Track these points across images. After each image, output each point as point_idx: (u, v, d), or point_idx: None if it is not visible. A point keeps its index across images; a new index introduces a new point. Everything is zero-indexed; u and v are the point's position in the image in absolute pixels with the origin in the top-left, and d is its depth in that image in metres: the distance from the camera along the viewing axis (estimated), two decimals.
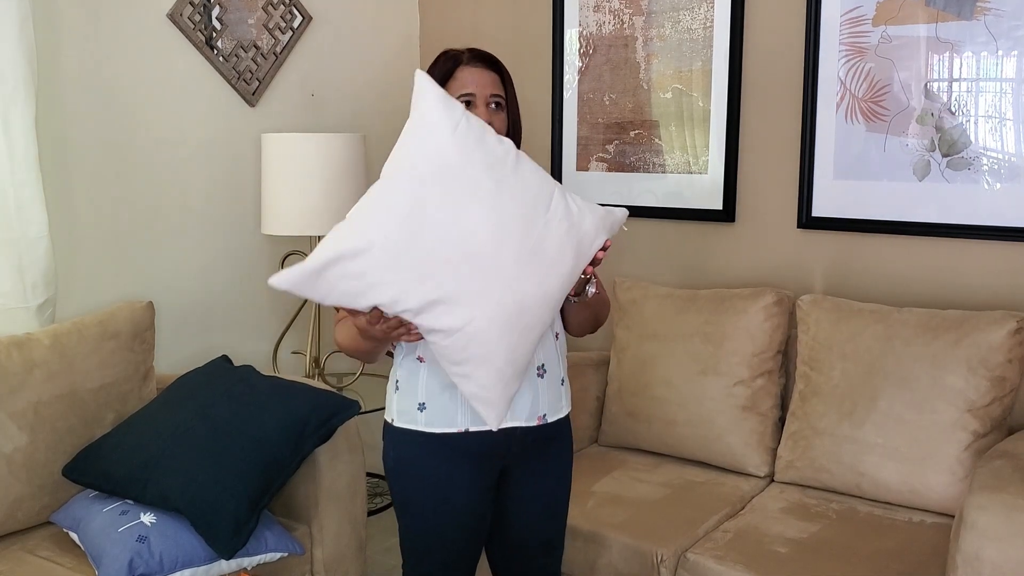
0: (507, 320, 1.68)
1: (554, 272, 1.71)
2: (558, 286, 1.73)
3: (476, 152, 1.65)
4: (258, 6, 3.26)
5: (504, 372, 1.73)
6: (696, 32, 3.12)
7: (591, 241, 1.74)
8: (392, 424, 1.96)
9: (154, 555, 2.13)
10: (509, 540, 2.06)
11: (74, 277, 2.83)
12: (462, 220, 1.63)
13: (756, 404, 2.77)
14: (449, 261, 1.63)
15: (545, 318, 1.75)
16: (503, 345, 1.70)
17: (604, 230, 1.77)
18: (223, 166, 3.22)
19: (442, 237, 1.63)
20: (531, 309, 1.70)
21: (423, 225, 1.62)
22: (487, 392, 1.75)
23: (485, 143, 1.67)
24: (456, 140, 1.64)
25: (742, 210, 3.11)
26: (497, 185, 1.65)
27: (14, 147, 2.54)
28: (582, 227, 1.72)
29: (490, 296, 1.66)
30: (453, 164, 1.64)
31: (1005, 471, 2.09)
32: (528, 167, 1.71)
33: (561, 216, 1.70)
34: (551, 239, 1.69)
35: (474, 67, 1.91)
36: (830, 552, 2.28)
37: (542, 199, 1.69)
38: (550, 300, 1.73)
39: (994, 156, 2.65)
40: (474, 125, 1.67)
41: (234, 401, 2.45)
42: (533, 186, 1.69)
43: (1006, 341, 2.43)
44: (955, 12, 2.65)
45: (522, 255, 1.66)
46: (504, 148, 1.70)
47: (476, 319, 1.66)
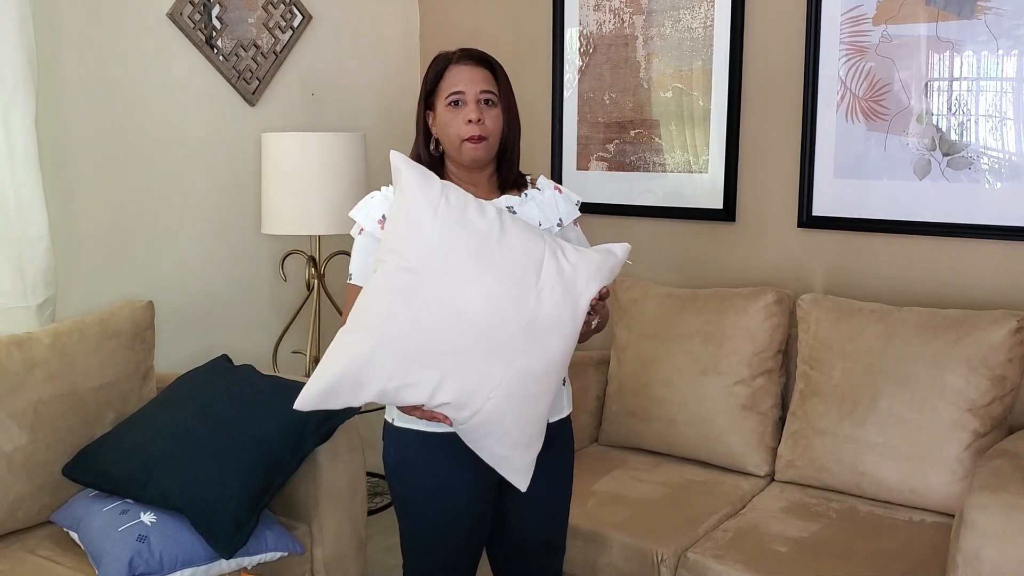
0: (513, 395, 1.70)
1: (554, 340, 1.71)
2: (560, 351, 1.73)
3: (459, 232, 1.66)
4: (258, 5, 3.26)
5: (522, 440, 1.76)
6: (696, 31, 3.11)
7: (588, 295, 1.73)
8: (392, 424, 1.96)
9: (154, 554, 2.13)
10: (510, 541, 2.06)
11: (74, 276, 2.83)
12: (454, 306, 1.65)
13: (756, 403, 2.77)
14: (447, 350, 1.65)
15: (553, 383, 1.77)
16: (516, 419, 1.72)
17: (601, 279, 1.75)
18: (223, 165, 3.22)
19: (437, 328, 1.65)
20: (537, 379, 1.72)
21: (417, 319, 1.65)
22: (509, 461, 1.78)
23: (467, 220, 1.68)
24: (438, 224, 1.66)
25: (742, 209, 3.11)
26: (484, 263, 1.66)
27: (14, 146, 2.54)
28: (576, 288, 1.71)
29: (494, 379, 1.67)
30: (437, 250, 1.66)
31: (1005, 470, 2.09)
32: (515, 234, 1.70)
33: (553, 283, 1.69)
34: (545, 310, 1.68)
35: (464, 65, 1.91)
36: (830, 551, 2.28)
37: (531, 269, 1.69)
38: (554, 366, 1.74)
39: (994, 155, 2.64)
40: (454, 202, 1.68)
41: (234, 400, 2.45)
42: (521, 257, 1.69)
43: (1006, 340, 2.43)
44: (955, 11, 2.64)
45: (519, 330, 1.67)
46: (487, 220, 1.69)
47: (485, 404, 1.68)
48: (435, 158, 1.96)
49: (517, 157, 1.99)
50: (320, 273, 3.23)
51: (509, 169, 1.97)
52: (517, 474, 1.80)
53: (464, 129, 1.87)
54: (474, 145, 1.88)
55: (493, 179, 1.97)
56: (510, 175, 1.96)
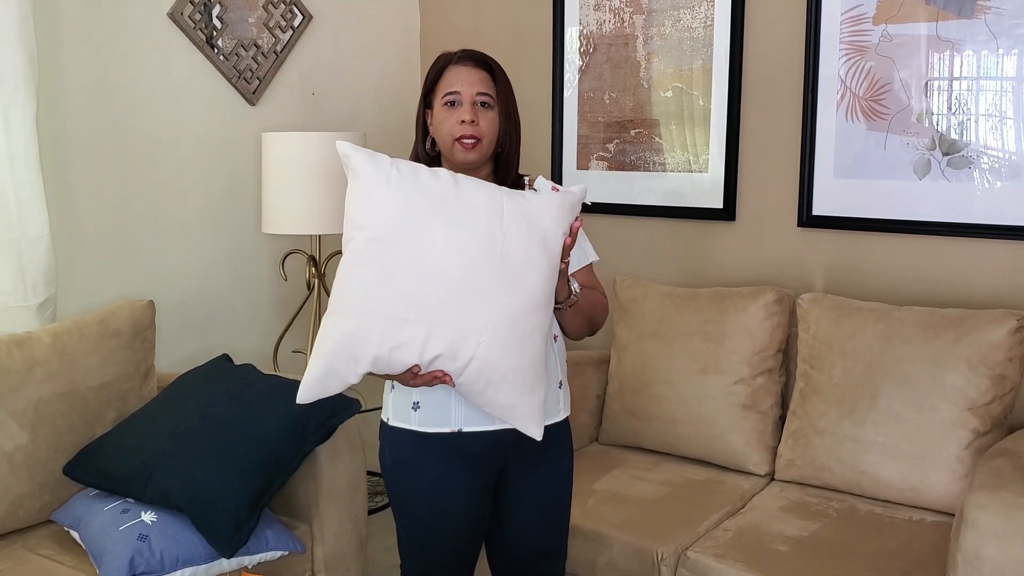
0: (503, 337, 1.70)
1: (530, 275, 1.71)
2: (539, 285, 1.73)
3: (415, 194, 1.69)
4: (258, 5, 3.26)
5: (523, 383, 1.76)
6: (696, 31, 3.12)
7: (556, 231, 1.75)
8: (388, 423, 1.96)
9: (155, 553, 2.13)
10: (510, 547, 2.05)
11: (75, 276, 2.83)
12: (426, 262, 1.67)
13: (756, 403, 2.77)
14: (429, 304, 1.67)
15: (540, 319, 1.75)
16: (510, 362, 1.72)
17: (565, 214, 1.77)
18: (223, 165, 3.22)
19: (414, 286, 1.67)
20: (523, 318, 1.72)
21: (394, 282, 1.67)
22: (515, 408, 1.78)
23: (420, 183, 1.71)
24: (392, 192, 1.69)
25: (742, 209, 3.11)
26: (445, 216, 1.68)
27: (15, 146, 2.54)
28: (542, 223, 1.73)
29: (480, 322, 1.68)
30: (398, 214, 1.68)
31: (1005, 469, 2.09)
32: (469, 187, 1.73)
33: (517, 221, 1.71)
34: (515, 247, 1.70)
35: (462, 66, 1.91)
36: (830, 550, 2.28)
37: (493, 210, 1.71)
38: (538, 302, 1.74)
39: (994, 155, 2.64)
40: (404, 171, 1.71)
41: (235, 400, 2.45)
42: (480, 202, 1.71)
43: (1006, 339, 2.43)
44: (955, 11, 2.64)
45: (493, 272, 1.68)
46: (441, 180, 1.72)
47: (476, 349, 1.69)
48: (432, 157, 1.96)
49: (516, 160, 1.98)
50: (321, 272, 3.23)
51: (506, 172, 1.96)
52: (527, 422, 1.79)
53: (457, 129, 1.87)
54: (465, 147, 1.87)
55: (490, 180, 1.96)
56: (507, 178, 1.95)
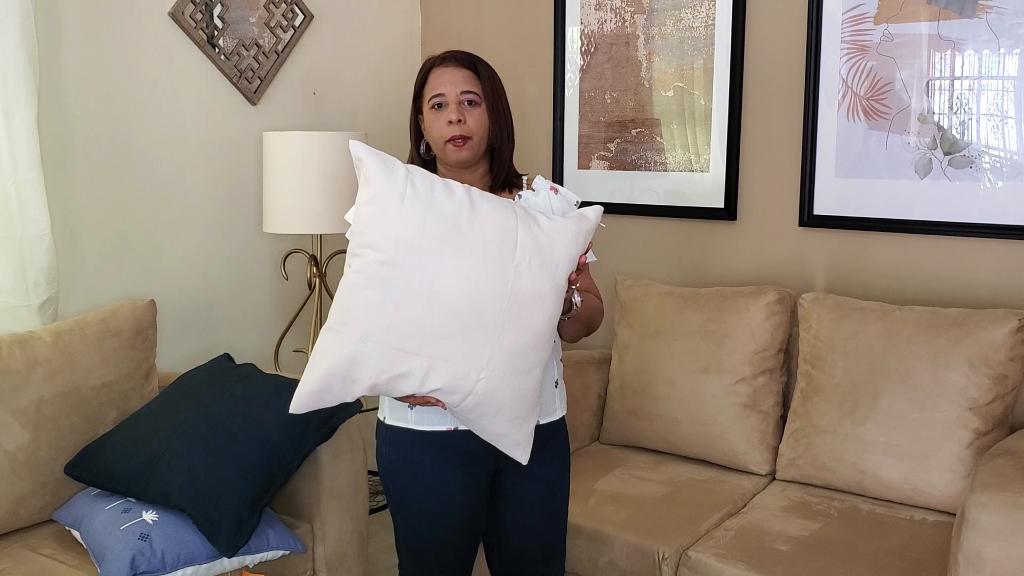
0: (504, 372, 1.69)
1: (537, 312, 1.69)
2: (545, 322, 1.71)
3: (428, 217, 1.64)
4: (260, 4, 3.26)
5: (517, 414, 1.75)
6: (698, 30, 3.11)
7: (567, 265, 1.72)
8: (384, 422, 1.96)
9: (156, 553, 2.13)
10: (508, 548, 2.05)
11: (76, 275, 2.83)
12: (433, 292, 1.63)
13: (758, 402, 2.77)
14: (432, 336, 1.64)
15: (541, 355, 1.75)
16: (507, 395, 1.71)
17: (578, 245, 1.74)
18: (225, 164, 3.22)
19: (418, 315, 1.63)
20: (525, 353, 1.71)
21: (398, 310, 1.63)
22: (505, 437, 1.77)
23: (435, 203, 1.65)
24: (405, 211, 1.63)
25: (744, 208, 3.11)
26: (458, 245, 1.64)
27: (16, 145, 2.54)
28: (554, 256, 1.70)
29: (482, 359, 1.66)
30: (410, 238, 1.63)
31: (1007, 469, 2.09)
32: (486, 210, 1.68)
33: (530, 255, 1.68)
34: (525, 282, 1.67)
35: (446, 67, 1.92)
36: (832, 550, 2.28)
37: (507, 244, 1.67)
38: (541, 338, 1.72)
39: (996, 154, 2.64)
40: (420, 187, 1.65)
41: (236, 399, 2.45)
42: (494, 233, 1.67)
43: (1008, 339, 2.43)
44: (957, 10, 2.64)
45: (501, 307, 1.65)
46: (455, 201, 1.66)
47: (476, 385, 1.67)
48: (427, 160, 1.97)
49: (509, 155, 1.97)
50: (322, 272, 3.23)
51: (501, 167, 1.96)
52: (517, 448, 1.79)
53: (446, 131, 1.88)
54: (457, 147, 1.88)
55: (486, 178, 1.97)
56: (502, 173, 1.96)
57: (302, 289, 3.34)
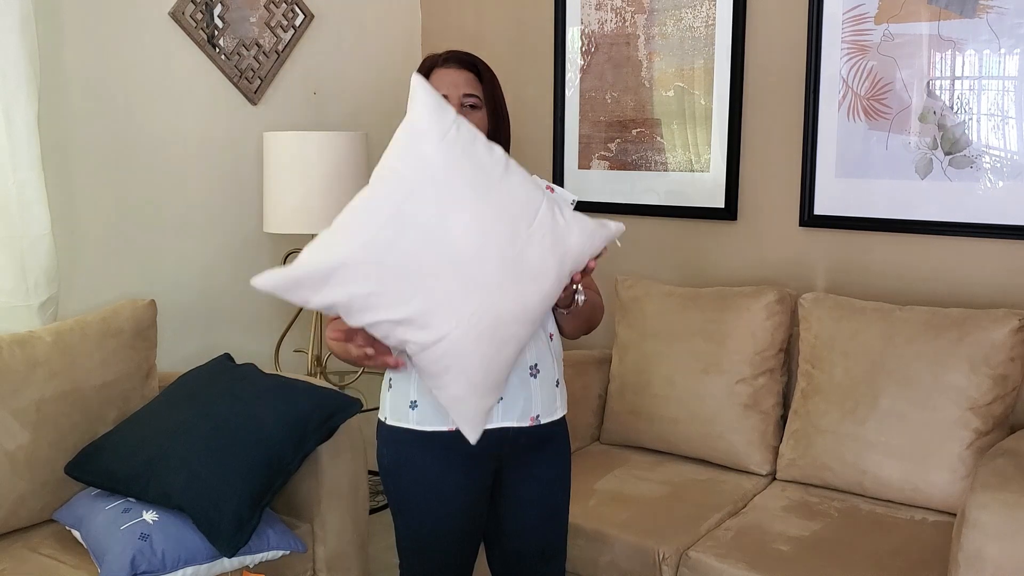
0: (482, 332, 1.66)
1: (534, 287, 1.68)
2: (537, 302, 1.70)
3: (463, 161, 1.64)
4: (260, 4, 3.26)
5: (479, 385, 1.72)
6: (698, 30, 3.11)
7: (576, 256, 1.71)
8: (385, 422, 1.96)
9: (156, 553, 2.13)
10: (508, 548, 2.05)
11: (76, 275, 2.83)
12: (443, 229, 1.62)
13: (758, 402, 2.77)
14: (426, 270, 1.62)
15: (522, 333, 1.73)
16: (477, 357, 1.68)
17: (593, 245, 1.73)
18: (225, 164, 3.22)
19: (421, 246, 1.62)
20: (508, 323, 1.68)
21: (403, 233, 1.61)
22: (462, 405, 1.74)
23: (474, 152, 1.65)
24: (443, 148, 1.63)
25: (744, 208, 3.11)
26: (482, 195, 1.64)
27: (16, 145, 2.54)
28: (567, 242, 1.70)
29: (466, 307, 1.64)
30: (438, 172, 1.63)
31: (1007, 469, 2.09)
32: (517, 178, 1.69)
33: (546, 230, 1.67)
34: (533, 252, 1.66)
35: (448, 68, 1.91)
36: (832, 550, 2.28)
37: (528, 211, 1.67)
38: (528, 315, 1.71)
39: (996, 154, 2.64)
40: (464, 133, 1.65)
41: (236, 399, 2.45)
42: (520, 197, 1.67)
43: (1008, 339, 2.43)
44: (957, 10, 2.64)
45: (502, 267, 1.64)
46: (493, 158, 1.67)
47: (451, 331, 1.65)
48: None
49: None
50: None
51: None
52: (468, 424, 1.76)
53: None
54: None
55: None
56: None
57: None
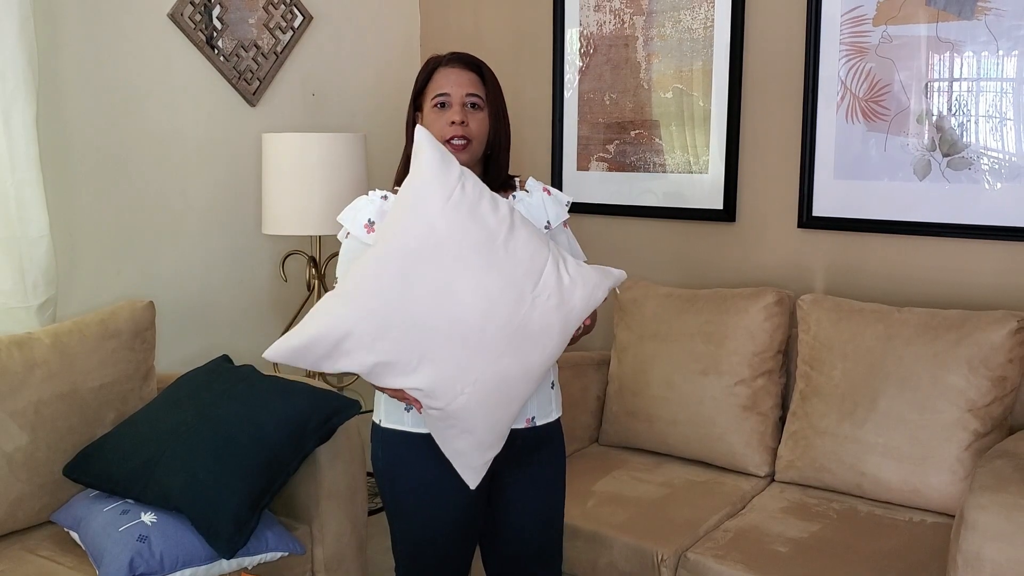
0: (488, 396, 1.69)
1: (538, 350, 1.70)
2: (541, 362, 1.72)
3: (468, 224, 1.65)
4: (259, 6, 3.26)
5: (484, 441, 1.76)
6: (697, 32, 3.12)
7: (580, 312, 1.73)
8: (379, 425, 1.96)
9: (155, 554, 2.13)
10: (504, 550, 2.05)
11: (75, 276, 2.83)
12: (448, 296, 1.63)
13: (757, 404, 2.77)
14: (432, 337, 1.64)
15: (526, 391, 1.75)
16: (483, 419, 1.72)
17: (596, 297, 1.75)
18: (224, 166, 3.22)
19: (426, 313, 1.63)
20: (513, 385, 1.71)
21: (408, 300, 1.63)
22: (465, 458, 1.78)
23: (479, 213, 1.66)
24: (447, 212, 1.64)
25: (743, 210, 3.11)
26: (487, 259, 1.65)
27: (15, 146, 2.54)
28: (571, 302, 1.71)
29: (471, 374, 1.66)
30: (443, 238, 1.64)
31: (1006, 471, 2.09)
32: (521, 238, 1.70)
33: (550, 292, 1.69)
34: (537, 317, 1.68)
35: (452, 68, 1.92)
36: (831, 552, 2.28)
37: (532, 274, 1.68)
38: (532, 375, 1.73)
39: (995, 156, 2.64)
40: (469, 192, 1.67)
41: (235, 400, 2.45)
42: (524, 260, 1.68)
43: (1007, 341, 2.43)
44: (956, 12, 2.65)
45: (506, 334, 1.66)
46: (499, 216, 1.68)
47: (458, 397, 1.67)
48: None
49: (506, 161, 1.98)
50: (321, 273, 3.23)
51: (497, 173, 1.96)
52: (470, 471, 1.80)
53: (447, 130, 1.87)
54: (455, 148, 1.87)
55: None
56: (498, 178, 1.96)
57: (301, 290, 3.34)
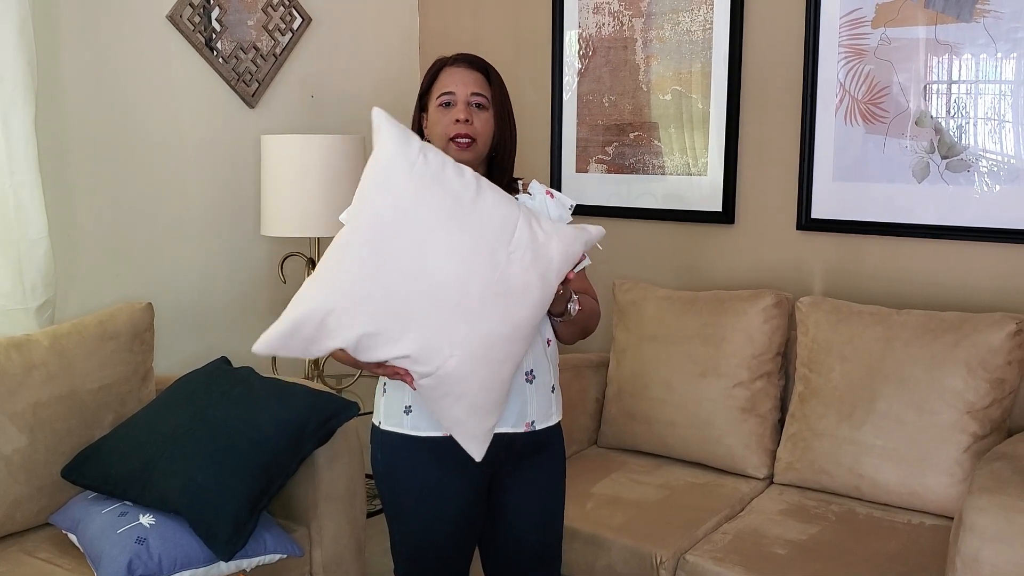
0: (476, 357, 1.68)
1: (521, 304, 1.69)
2: (526, 317, 1.71)
3: (434, 190, 1.65)
4: (258, 8, 3.26)
5: (480, 406, 1.74)
6: (695, 34, 3.12)
7: (559, 266, 1.72)
8: (379, 427, 1.96)
9: (153, 556, 2.13)
10: (504, 552, 2.05)
11: (73, 278, 2.83)
12: (422, 261, 1.63)
13: (755, 406, 2.77)
14: (413, 304, 1.64)
15: (517, 350, 1.74)
16: (475, 381, 1.70)
17: (574, 251, 1.74)
18: (223, 167, 3.22)
19: (404, 280, 1.63)
20: (500, 344, 1.70)
21: (384, 270, 1.63)
22: (464, 426, 1.76)
23: (444, 179, 1.67)
24: (412, 180, 1.65)
25: (741, 212, 3.11)
26: (457, 222, 1.65)
27: (14, 148, 2.54)
28: (548, 254, 1.71)
29: (456, 335, 1.66)
30: (410, 205, 1.64)
31: (1004, 473, 2.09)
32: (490, 198, 1.70)
33: (525, 246, 1.69)
34: (515, 271, 1.67)
35: (458, 68, 1.92)
36: (829, 554, 2.28)
37: (505, 231, 1.68)
38: (519, 332, 1.72)
39: (993, 158, 2.65)
40: (432, 161, 1.67)
41: (233, 402, 2.45)
42: (496, 218, 1.68)
43: (1005, 343, 2.43)
44: (954, 14, 2.65)
45: (486, 292, 1.66)
46: (463, 181, 1.69)
47: (446, 360, 1.66)
48: None
49: (510, 163, 1.98)
50: None
51: (501, 174, 1.96)
52: (472, 441, 1.78)
53: (451, 128, 1.88)
54: (460, 147, 1.87)
55: None
56: (502, 180, 1.95)
57: None
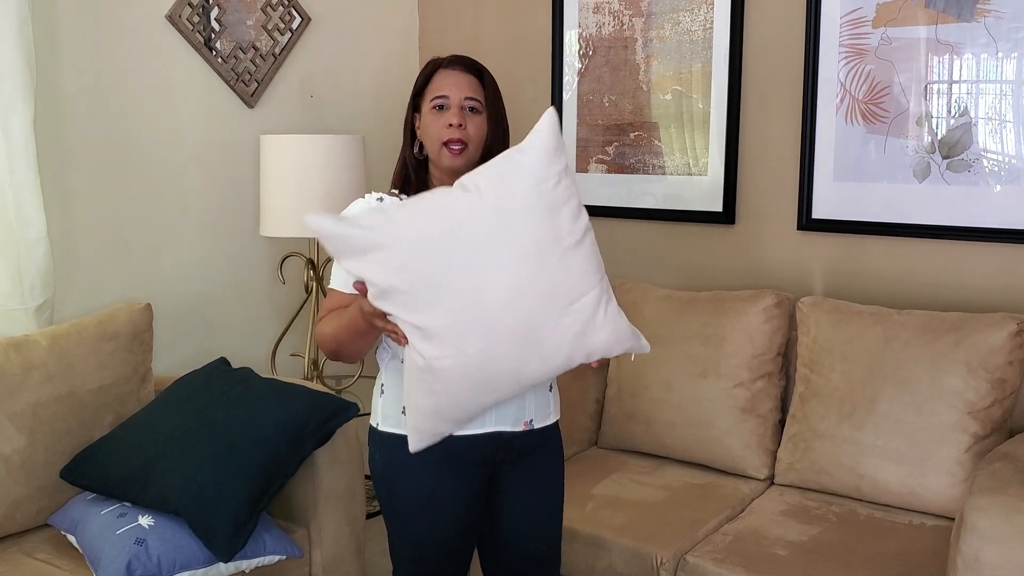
0: (471, 374, 1.65)
1: (538, 362, 1.66)
2: (534, 375, 1.69)
3: (542, 216, 1.61)
4: (257, 7, 3.26)
5: (443, 412, 1.71)
6: (696, 33, 3.11)
7: (592, 352, 1.68)
8: (377, 428, 1.95)
9: (152, 557, 2.12)
10: (503, 552, 2.04)
11: (72, 278, 2.83)
12: (486, 265, 1.59)
13: (756, 406, 2.76)
14: (453, 294, 1.60)
15: (506, 392, 1.72)
16: (455, 391, 1.67)
17: (615, 349, 1.71)
18: (222, 167, 3.22)
19: (459, 270, 1.59)
20: (500, 379, 1.67)
21: (449, 249, 1.59)
22: (420, 418, 1.73)
23: (557, 213, 1.62)
24: (528, 195, 1.60)
25: (742, 212, 3.10)
26: (540, 260, 1.60)
27: (13, 148, 2.54)
28: (593, 338, 1.66)
29: (470, 346, 1.62)
30: (511, 214, 1.60)
31: (1005, 473, 2.09)
32: (583, 256, 1.65)
33: (579, 319, 1.64)
34: (554, 334, 1.63)
35: (452, 70, 1.91)
36: (830, 555, 2.27)
37: (573, 294, 1.63)
38: (520, 381, 1.69)
39: (994, 158, 2.64)
40: (560, 190, 1.62)
41: (232, 403, 2.45)
42: (574, 278, 1.63)
43: (1006, 343, 2.43)
44: (955, 14, 2.64)
45: (519, 332, 1.62)
46: (573, 228, 1.63)
47: (446, 358, 1.63)
48: (419, 161, 1.95)
49: None
50: (319, 275, 3.23)
51: None
52: (415, 433, 1.74)
53: (444, 133, 1.86)
54: (452, 152, 1.86)
55: None
56: None
57: (299, 293, 3.33)
